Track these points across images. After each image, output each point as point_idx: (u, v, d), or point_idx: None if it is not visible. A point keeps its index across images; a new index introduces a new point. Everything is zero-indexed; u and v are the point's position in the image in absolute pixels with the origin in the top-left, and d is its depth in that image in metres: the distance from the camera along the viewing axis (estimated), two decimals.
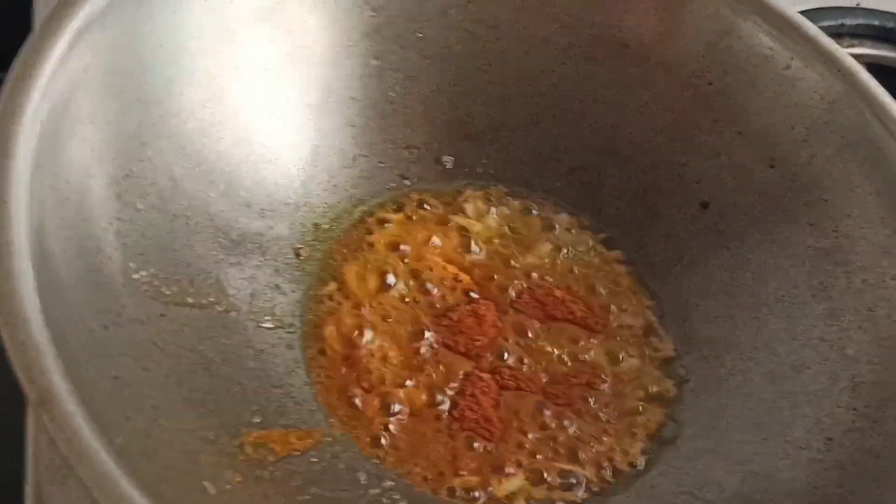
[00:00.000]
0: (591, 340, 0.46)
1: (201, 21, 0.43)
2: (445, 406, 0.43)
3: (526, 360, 0.45)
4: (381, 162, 0.50)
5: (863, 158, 0.45)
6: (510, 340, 0.45)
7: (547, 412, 0.43)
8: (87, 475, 0.27)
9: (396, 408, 0.42)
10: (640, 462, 0.43)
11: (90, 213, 0.36)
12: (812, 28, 0.47)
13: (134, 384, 0.34)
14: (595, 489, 0.42)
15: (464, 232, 0.50)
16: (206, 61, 0.43)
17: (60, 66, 0.35)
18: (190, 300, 0.40)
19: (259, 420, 0.39)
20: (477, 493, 0.41)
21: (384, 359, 0.44)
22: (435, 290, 0.46)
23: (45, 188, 0.33)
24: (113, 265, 0.36)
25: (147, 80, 0.40)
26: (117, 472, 0.27)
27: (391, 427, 0.42)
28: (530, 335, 0.46)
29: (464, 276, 0.48)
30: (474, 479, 0.41)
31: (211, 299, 0.41)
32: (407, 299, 0.46)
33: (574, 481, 0.42)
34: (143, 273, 0.38)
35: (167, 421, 0.34)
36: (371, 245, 0.48)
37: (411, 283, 0.47)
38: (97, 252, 0.36)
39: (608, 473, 0.42)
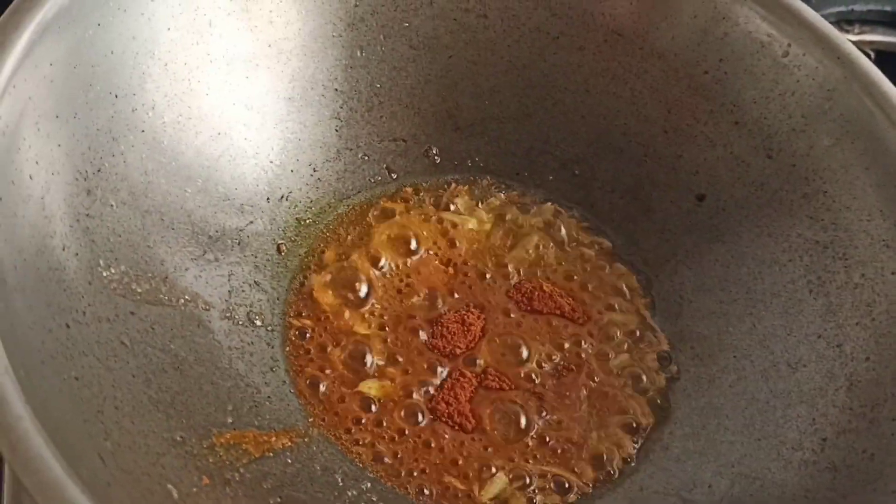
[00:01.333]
0: (579, 336, 0.45)
1: (176, 12, 0.41)
2: (422, 402, 0.42)
3: (510, 359, 0.44)
4: (366, 155, 0.49)
5: (863, 148, 0.43)
6: (495, 339, 0.44)
7: (531, 411, 0.42)
8: (32, 481, 0.26)
9: (376, 407, 0.41)
10: (628, 463, 0.42)
11: (55, 210, 0.35)
12: (811, 13, 0.45)
13: (96, 384, 0.33)
14: (581, 490, 0.41)
15: (453, 226, 0.48)
16: (182, 53, 0.42)
17: (24, 60, 0.34)
18: (163, 298, 0.39)
19: (232, 420, 0.38)
20: (459, 496, 0.40)
21: (368, 358, 0.43)
22: (422, 290, 0.45)
23: (6, 184, 0.32)
24: (79, 262, 0.36)
25: (119, 73, 0.39)
26: (63, 477, 0.26)
27: (371, 426, 0.41)
28: (516, 332, 0.45)
29: (450, 271, 0.46)
30: (456, 482, 0.40)
31: (186, 297, 0.40)
32: (392, 296, 0.45)
33: (559, 482, 0.41)
34: (113, 270, 0.37)
35: (131, 422, 0.33)
36: (356, 240, 0.47)
37: (398, 280, 0.46)
38: (62, 249, 0.35)
39: (595, 474, 0.41)
